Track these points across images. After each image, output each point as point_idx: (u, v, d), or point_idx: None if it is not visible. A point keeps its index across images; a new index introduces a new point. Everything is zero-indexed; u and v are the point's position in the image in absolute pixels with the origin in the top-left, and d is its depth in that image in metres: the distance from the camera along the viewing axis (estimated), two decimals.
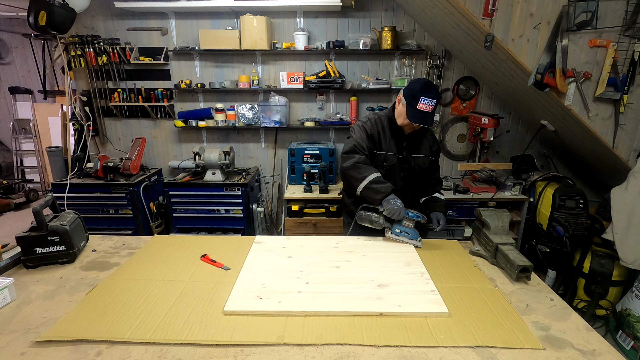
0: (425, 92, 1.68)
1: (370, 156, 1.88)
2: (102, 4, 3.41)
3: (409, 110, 1.73)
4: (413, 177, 1.97)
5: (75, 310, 1.18)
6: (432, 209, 2.03)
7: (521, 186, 3.18)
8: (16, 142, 5.49)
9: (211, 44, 3.33)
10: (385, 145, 1.89)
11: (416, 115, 1.71)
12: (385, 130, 1.89)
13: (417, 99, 1.69)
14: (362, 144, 1.83)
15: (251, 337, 1.06)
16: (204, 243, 1.70)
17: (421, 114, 1.70)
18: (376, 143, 1.89)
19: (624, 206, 2.35)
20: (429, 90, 1.69)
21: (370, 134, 1.87)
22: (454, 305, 1.23)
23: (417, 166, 1.95)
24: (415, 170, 1.95)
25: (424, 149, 1.96)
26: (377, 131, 1.89)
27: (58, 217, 1.56)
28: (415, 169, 1.95)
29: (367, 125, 1.89)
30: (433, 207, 2.04)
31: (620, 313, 2.46)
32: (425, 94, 1.68)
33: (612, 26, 2.25)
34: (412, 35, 3.42)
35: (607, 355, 1.02)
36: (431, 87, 1.71)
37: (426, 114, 1.71)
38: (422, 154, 1.95)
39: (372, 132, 1.87)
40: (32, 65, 5.31)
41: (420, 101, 1.68)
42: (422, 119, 1.71)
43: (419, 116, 1.71)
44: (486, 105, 3.60)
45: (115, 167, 3.34)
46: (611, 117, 2.43)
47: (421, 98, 1.68)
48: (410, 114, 1.73)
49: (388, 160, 1.89)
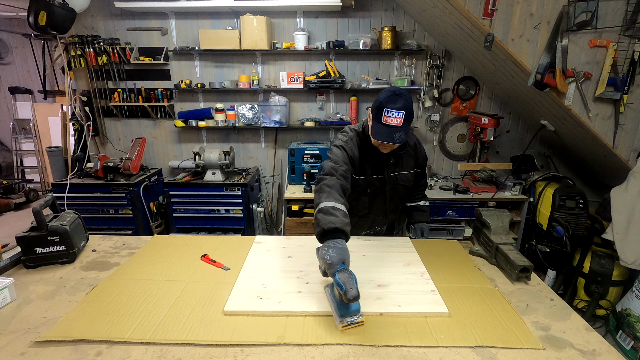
0: (390, 102, 1.40)
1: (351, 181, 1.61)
2: (102, 4, 3.41)
3: (374, 126, 1.48)
4: (397, 197, 1.79)
5: (75, 310, 1.18)
6: (418, 219, 1.91)
7: (521, 186, 3.18)
8: (16, 142, 5.49)
9: (211, 44, 3.33)
10: (367, 168, 1.66)
11: (380, 130, 1.44)
12: (366, 151, 1.64)
13: (381, 111, 1.42)
14: (338, 167, 1.49)
15: (251, 337, 1.06)
16: (204, 243, 1.70)
17: (386, 130, 1.42)
18: (358, 166, 1.64)
19: (624, 206, 2.35)
20: (394, 100, 1.40)
21: (350, 157, 1.59)
22: (454, 305, 1.23)
23: (402, 185, 1.75)
24: (399, 190, 1.76)
25: (407, 164, 1.74)
26: (359, 152, 1.63)
27: (58, 217, 1.56)
28: (400, 189, 1.76)
29: (348, 146, 1.60)
30: (419, 217, 1.91)
31: (620, 313, 2.46)
32: (389, 105, 1.40)
33: (612, 26, 2.25)
34: (412, 35, 3.42)
35: (607, 355, 1.02)
36: (398, 96, 1.41)
37: (392, 129, 1.41)
38: (406, 170, 1.74)
39: (353, 154, 1.60)
40: (32, 65, 5.31)
41: (384, 114, 1.41)
42: (388, 134, 1.42)
43: (384, 132, 1.43)
44: (486, 105, 3.60)
45: (115, 167, 3.34)
46: (611, 117, 2.43)
47: (385, 110, 1.40)
48: (374, 129, 1.47)
49: (372, 186, 1.69)
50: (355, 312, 1.09)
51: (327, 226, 1.19)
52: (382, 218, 1.81)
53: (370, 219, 1.81)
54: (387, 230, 1.90)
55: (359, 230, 1.84)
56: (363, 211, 1.76)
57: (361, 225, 1.82)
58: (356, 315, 1.09)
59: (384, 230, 1.88)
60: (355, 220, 1.79)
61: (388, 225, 1.87)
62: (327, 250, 1.13)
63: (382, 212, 1.78)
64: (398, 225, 1.93)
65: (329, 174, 1.45)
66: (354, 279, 1.06)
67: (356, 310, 1.09)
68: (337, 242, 1.16)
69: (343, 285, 1.03)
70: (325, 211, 1.26)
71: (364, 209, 1.76)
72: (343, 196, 1.37)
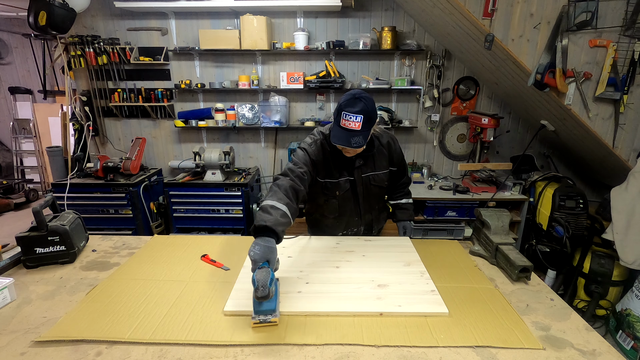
0: (349, 105, 1.39)
1: (317, 185, 1.65)
2: (102, 4, 3.41)
3: (333, 129, 1.46)
4: (372, 197, 1.75)
5: (75, 310, 1.18)
6: (400, 217, 1.91)
7: (521, 186, 3.18)
8: (16, 142, 5.49)
9: (211, 44, 3.33)
10: (335, 171, 1.64)
11: (338, 134, 1.43)
12: (333, 154, 1.61)
13: (340, 114, 1.41)
14: (295, 168, 1.50)
15: (251, 337, 1.06)
16: (204, 243, 1.70)
17: (344, 133, 1.41)
18: (323, 169, 1.62)
19: (624, 206, 2.35)
20: (353, 104, 1.39)
21: (313, 160, 1.58)
22: (454, 305, 1.23)
23: (375, 185, 1.72)
24: (373, 190, 1.73)
25: (380, 164, 1.70)
26: (324, 155, 1.60)
27: (58, 217, 1.56)
28: (373, 189, 1.72)
29: (311, 150, 1.59)
30: (401, 215, 1.91)
31: (620, 313, 2.46)
32: (348, 108, 1.39)
33: (612, 26, 2.25)
34: (412, 35, 3.42)
35: (607, 355, 1.02)
36: (358, 99, 1.40)
37: (350, 133, 1.40)
38: (379, 170, 1.70)
39: (317, 157, 1.59)
40: (32, 65, 5.30)
41: (342, 117, 1.40)
42: (345, 138, 1.41)
43: (342, 136, 1.42)
44: (486, 105, 3.60)
45: (115, 167, 3.34)
46: (611, 117, 2.43)
47: (343, 113, 1.40)
48: (334, 133, 1.45)
49: (340, 188, 1.66)
50: (269, 311, 1.09)
51: (259, 224, 1.21)
52: (357, 219, 1.78)
53: (345, 221, 1.78)
54: (366, 230, 1.85)
55: (335, 231, 1.82)
56: (334, 213, 1.75)
57: (336, 226, 1.81)
58: (270, 315, 1.09)
59: (361, 231, 1.84)
60: (330, 221, 1.79)
61: (365, 225, 1.83)
62: (254, 247, 1.14)
63: (357, 213, 1.76)
64: (377, 225, 1.88)
65: (283, 174, 1.49)
66: (271, 280, 1.06)
67: (270, 310, 1.09)
68: (266, 240, 1.17)
69: (256, 282, 1.04)
70: (264, 209, 1.29)
71: (335, 211, 1.74)
72: (289, 196, 1.38)
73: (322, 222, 1.84)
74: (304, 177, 1.49)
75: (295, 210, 1.39)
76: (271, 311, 1.09)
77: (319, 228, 1.87)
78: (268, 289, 1.03)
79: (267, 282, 1.04)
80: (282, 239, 1.26)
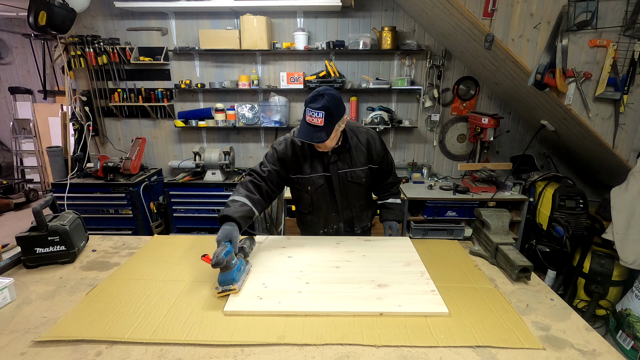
0: (312, 101, 1.45)
1: (289, 181, 1.71)
2: (102, 4, 3.41)
3: (300, 125, 1.51)
4: (350, 194, 1.75)
5: (75, 310, 1.18)
6: (385, 217, 1.92)
7: (521, 186, 3.18)
8: (16, 142, 5.49)
9: (211, 44, 3.33)
10: (306, 167, 1.67)
11: (303, 129, 1.49)
12: (305, 150, 1.65)
13: (305, 110, 1.47)
14: (260, 167, 1.65)
15: (251, 337, 1.06)
16: (204, 243, 1.70)
17: (308, 129, 1.46)
18: (293, 166, 1.67)
19: (624, 206, 2.35)
20: (315, 100, 1.44)
21: (281, 158, 1.65)
22: (454, 305, 1.23)
23: (352, 182, 1.72)
24: (350, 187, 1.73)
25: (358, 160, 1.70)
26: (293, 152, 1.65)
27: (58, 217, 1.56)
28: (350, 186, 1.73)
29: (280, 148, 1.65)
30: (386, 215, 1.92)
31: (620, 313, 2.46)
32: (311, 104, 1.44)
33: (612, 26, 2.25)
34: (412, 35, 3.42)
35: (607, 355, 1.02)
36: (320, 96, 1.44)
37: (314, 128, 1.45)
38: (356, 167, 1.70)
39: (285, 155, 1.65)
40: (32, 65, 5.30)
41: (306, 112, 1.46)
42: (308, 133, 1.47)
43: (306, 131, 1.47)
44: (486, 105, 3.60)
45: (115, 167, 3.34)
46: (611, 117, 2.43)
47: (307, 109, 1.46)
48: (300, 128, 1.51)
49: (313, 184, 1.69)
50: (229, 281, 1.25)
51: (220, 215, 1.46)
52: (335, 215, 1.79)
53: (322, 216, 1.80)
54: (346, 227, 1.85)
55: (315, 228, 1.83)
56: (308, 208, 1.79)
57: (315, 223, 1.82)
58: (230, 284, 1.25)
59: (342, 229, 1.84)
60: (308, 218, 1.84)
61: (344, 222, 1.82)
62: (218, 232, 1.37)
63: (334, 209, 1.77)
64: (359, 223, 1.86)
65: (249, 174, 1.67)
66: (228, 252, 1.25)
67: (231, 279, 1.25)
68: (228, 224, 1.41)
69: (215, 256, 1.21)
70: (227, 204, 1.53)
71: (309, 206, 1.78)
72: (249, 189, 1.59)
73: (302, 218, 1.90)
74: (264, 174, 1.64)
75: (259, 200, 1.59)
76: (231, 281, 1.25)
77: (302, 224, 1.92)
78: (223, 259, 1.21)
79: (221, 254, 1.22)
80: (243, 225, 1.46)
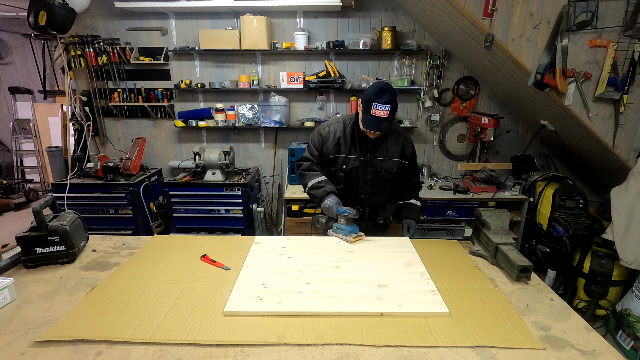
0: (378, 97, 1.64)
1: (326, 161, 1.92)
2: (102, 4, 3.41)
3: (364, 117, 1.72)
4: (380, 180, 1.93)
5: (75, 310, 1.18)
6: (405, 215, 2.04)
7: (521, 186, 3.18)
8: (16, 142, 5.49)
9: (211, 44, 3.33)
10: (345, 148, 1.88)
11: (369, 121, 1.69)
12: (347, 134, 1.87)
13: (370, 104, 1.66)
14: (312, 151, 1.92)
15: (251, 337, 1.06)
16: (204, 243, 1.70)
17: (375, 120, 1.67)
18: (334, 147, 1.89)
19: (624, 206, 2.35)
20: (381, 95, 1.64)
21: (325, 139, 1.89)
22: (454, 305, 1.23)
23: (385, 170, 1.91)
24: (382, 174, 1.91)
25: (393, 152, 1.91)
26: (337, 135, 1.88)
27: (58, 217, 1.56)
28: (382, 173, 1.91)
29: (324, 131, 1.91)
30: (406, 213, 2.04)
31: (620, 313, 2.46)
32: (378, 99, 1.64)
33: (612, 26, 2.25)
34: (412, 35, 3.42)
35: (607, 355, 1.02)
36: (385, 91, 1.65)
37: (380, 120, 1.67)
38: (391, 157, 1.91)
39: (328, 137, 1.89)
40: (32, 65, 5.31)
41: (373, 107, 1.65)
42: (376, 125, 1.69)
43: (373, 122, 1.69)
44: (486, 105, 3.60)
45: (115, 167, 3.34)
46: (611, 117, 2.43)
47: (374, 104, 1.64)
48: (365, 120, 1.71)
49: (348, 163, 1.88)
50: (357, 229, 1.73)
51: (322, 194, 1.82)
52: (363, 197, 1.96)
53: (351, 196, 1.96)
54: (371, 213, 2.00)
55: None
56: (340, 184, 1.95)
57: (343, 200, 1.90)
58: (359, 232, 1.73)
59: (367, 214, 1.99)
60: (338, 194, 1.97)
61: (370, 207, 1.98)
62: (327, 200, 1.80)
63: (363, 191, 1.95)
64: (382, 212, 2.02)
65: (304, 158, 1.96)
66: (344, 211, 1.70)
67: (357, 229, 1.73)
68: (329, 197, 1.81)
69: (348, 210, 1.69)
70: (315, 187, 1.85)
71: (341, 182, 1.95)
72: (320, 171, 1.92)
73: None
74: (316, 159, 1.93)
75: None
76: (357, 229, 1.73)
77: None
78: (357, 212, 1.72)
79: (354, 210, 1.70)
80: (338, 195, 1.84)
